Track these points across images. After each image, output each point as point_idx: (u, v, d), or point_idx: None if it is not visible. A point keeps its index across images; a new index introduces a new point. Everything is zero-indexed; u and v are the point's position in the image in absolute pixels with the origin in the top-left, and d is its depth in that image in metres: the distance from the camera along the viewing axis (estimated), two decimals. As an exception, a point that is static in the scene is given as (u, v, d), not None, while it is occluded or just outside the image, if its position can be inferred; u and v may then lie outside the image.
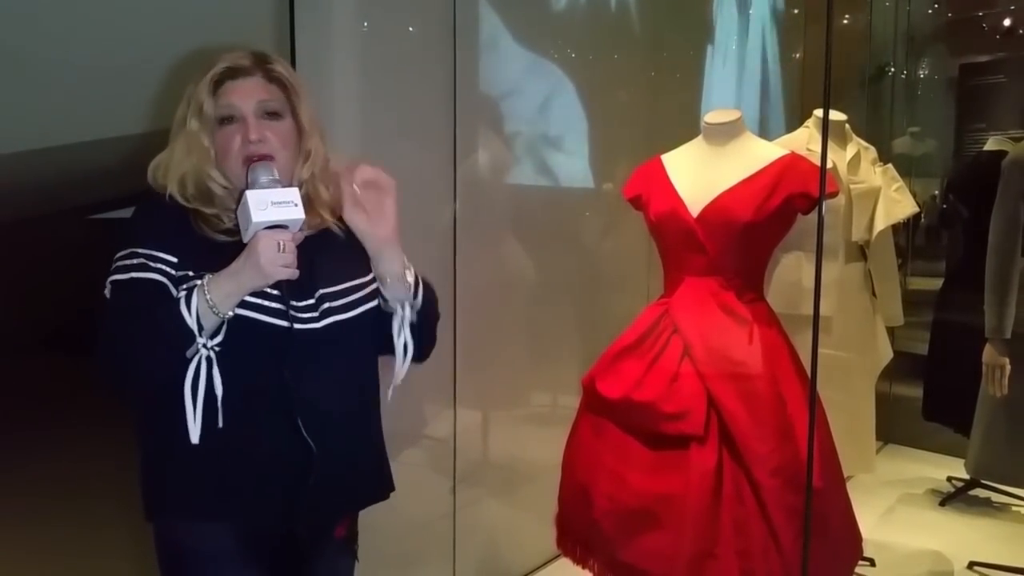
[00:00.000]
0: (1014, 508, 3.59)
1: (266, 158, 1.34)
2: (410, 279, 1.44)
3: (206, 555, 1.36)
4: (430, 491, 2.55)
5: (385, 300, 1.44)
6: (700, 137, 2.23)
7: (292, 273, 1.28)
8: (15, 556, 3.11)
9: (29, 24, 1.87)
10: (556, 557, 2.65)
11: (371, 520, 1.56)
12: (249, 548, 1.37)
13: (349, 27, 2.22)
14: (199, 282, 1.27)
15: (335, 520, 1.46)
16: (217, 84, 1.35)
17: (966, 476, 3.49)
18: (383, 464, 1.52)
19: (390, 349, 1.45)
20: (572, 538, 2.13)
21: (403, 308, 1.43)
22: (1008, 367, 2.71)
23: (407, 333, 1.44)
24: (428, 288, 1.50)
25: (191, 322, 1.24)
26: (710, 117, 2.22)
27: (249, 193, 1.27)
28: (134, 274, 1.29)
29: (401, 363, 1.44)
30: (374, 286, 1.43)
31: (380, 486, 1.51)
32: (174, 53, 1.98)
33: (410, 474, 1.57)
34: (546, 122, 2.97)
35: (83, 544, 3.20)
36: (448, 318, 2.45)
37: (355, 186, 1.38)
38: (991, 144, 3.54)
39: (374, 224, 1.39)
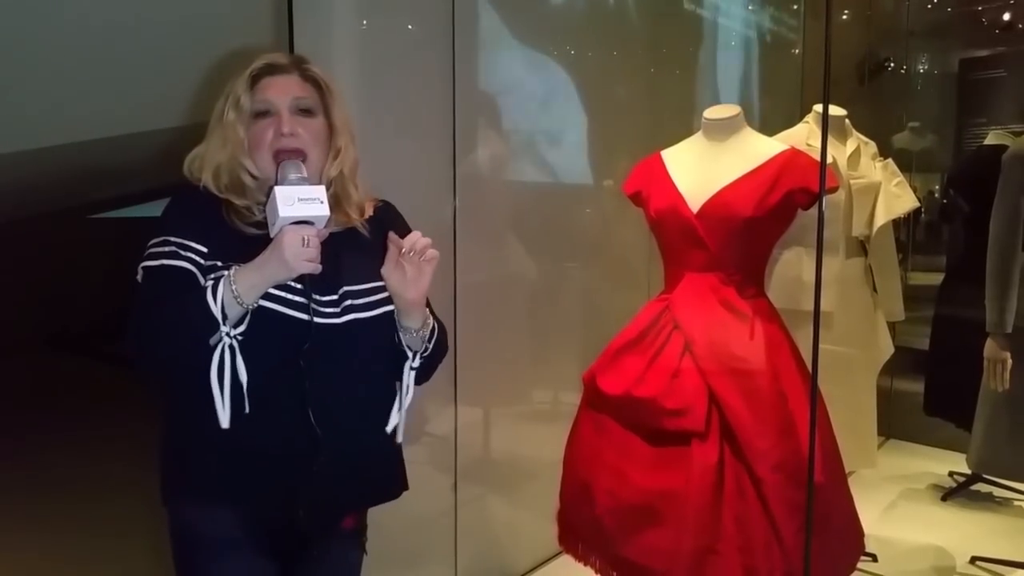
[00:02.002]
0: (1016, 503, 3.59)
1: (297, 152, 1.39)
2: (425, 335, 1.47)
3: (218, 541, 1.39)
4: (431, 488, 2.55)
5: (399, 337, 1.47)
6: (700, 133, 2.23)
7: (315, 268, 1.31)
8: (21, 557, 3.11)
9: (25, 22, 1.86)
10: (558, 554, 2.65)
11: (373, 516, 1.57)
12: (260, 536, 1.40)
13: (348, 25, 2.22)
14: (226, 272, 1.30)
15: (342, 512, 1.47)
16: (255, 80, 1.41)
17: (968, 471, 3.47)
18: (396, 463, 1.53)
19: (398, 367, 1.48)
20: (574, 535, 2.13)
21: (413, 357, 1.47)
22: (1009, 362, 2.71)
23: (409, 375, 1.47)
24: (442, 332, 1.53)
25: (216, 311, 1.28)
26: (710, 113, 2.21)
27: (277, 189, 1.31)
28: (164, 261, 1.34)
29: (404, 394, 1.47)
30: None
31: (391, 484, 1.52)
32: (173, 52, 1.98)
33: (411, 471, 1.57)
34: (546, 119, 2.97)
35: (91, 542, 3.20)
36: (448, 314, 2.45)
37: (403, 249, 1.42)
38: (991, 138, 3.54)
39: (408, 288, 1.42)
